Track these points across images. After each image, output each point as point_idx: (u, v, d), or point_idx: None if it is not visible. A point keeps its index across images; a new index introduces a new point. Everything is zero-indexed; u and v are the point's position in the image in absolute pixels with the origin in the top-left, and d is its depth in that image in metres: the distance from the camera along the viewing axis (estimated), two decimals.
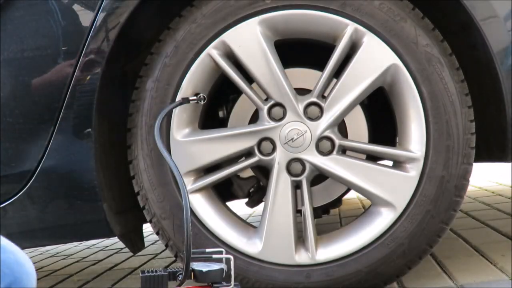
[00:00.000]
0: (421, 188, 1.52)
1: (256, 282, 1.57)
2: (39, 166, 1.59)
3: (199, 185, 1.59)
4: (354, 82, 1.53)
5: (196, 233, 1.57)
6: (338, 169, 1.55)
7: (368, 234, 1.55)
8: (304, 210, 1.58)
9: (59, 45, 1.56)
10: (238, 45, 1.54)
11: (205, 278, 1.22)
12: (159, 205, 1.59)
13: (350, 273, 1.55)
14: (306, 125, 1.55)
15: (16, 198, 1.61)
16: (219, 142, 1.57)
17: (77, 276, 2.47)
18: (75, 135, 1.58)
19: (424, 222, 1.52)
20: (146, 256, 2.68)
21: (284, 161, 1.56)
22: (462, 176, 1.52)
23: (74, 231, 1.66)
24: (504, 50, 1.50)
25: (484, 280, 1.57)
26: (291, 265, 1.56)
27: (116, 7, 1.53)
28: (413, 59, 1.50)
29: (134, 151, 1.60)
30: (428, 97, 1.51)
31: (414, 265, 1.56)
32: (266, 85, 1.55)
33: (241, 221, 1.67)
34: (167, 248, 1.63)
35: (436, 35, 1.53)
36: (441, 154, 1.51)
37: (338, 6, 1.52)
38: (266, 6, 1.53)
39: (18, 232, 1.65)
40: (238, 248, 1.57)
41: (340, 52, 1.53)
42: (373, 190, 1.54)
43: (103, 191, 1.61)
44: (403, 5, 1.52)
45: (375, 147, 1.60)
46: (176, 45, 1.55)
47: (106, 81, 1.56)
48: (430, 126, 1.51)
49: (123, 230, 1.72)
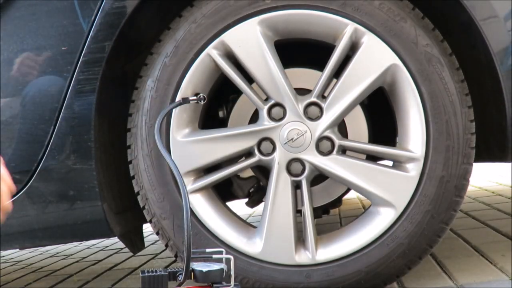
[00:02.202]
0: (421, 188, 1.52)
1: (256, 282, 1.57)
2: (39, 166, 1.59)
3: (199, 185, 1.59)
4: (354, 82, 1.53)
5: (196, 233, 1.57)
6: (338, 169, 1.55)
7: (368, 234, 1.55)
8: (304, 210, 1.58)
9: (59, 45, 1.56)
10: (238, 45, 1.54)
11: (205, 278, 1.22)
12: (159, 205, 1.59)
13: (350, 273, 1.55)
14: (306, 125, 1.55)
15: (16, 198, 1.61)
16: (219, 142, 1.57)
17: (77, 276, 2.47)
18: (75, 135, 1.58)
19: (424, 222, 1.52)
20: (146, 256, 2.68)
21: (284, 161, 1.56)
22: (462, 176, 1.52)
23: (74, 231, 1.66)
24: (504, 50, 1.50)
25: (484, 280, 1.57)
26: (291, 265, 1.56)
27: (116, 7, 1.53)
28: (413, 59, 1.50)
29: (134, 151, 1.60)
30: (428, 97, 1.51)
31: (414, 265, 1.56)
32: (266, 85, 1.55)
33: (241, 221, 1.67)
34: (167, 248, 1.63)
35: (436, 35, 1.53)
36: (441, 154, 1.51)
37: (338, 6, 1.52)
38: (266, 6, 1.53)
39: (18, 232, 1.65)
40: (238, 248, 1.57)
41: (340, 52, 1.53)
42: (373, 190, 1.54)
43: (103, 191, 1.62)
44: (403, 5, 1.52)
45: (375, 147, 1.60)
46: (176, 45, 1.55)
47: (106, 81, 1.56)
48: (430, 126, 1.51)
49: (123, 230, 1.72)
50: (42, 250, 3.47)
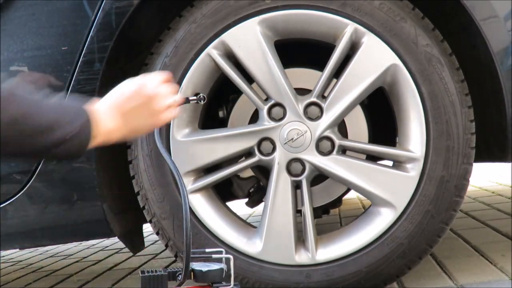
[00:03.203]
0: (421, 188, 1.52)
1: (256, 282, 1.57)
2: (39, 166, 1.59)
3: (199, 185, 1.59)
4: (354, 82, 1.53)
5: (196, 233, 1.57)
6: (338, 169, 1.55)
7: (368, 234, 1.55)
8: (304, 210, 1.58)
9: (59, 45, 1.56)
10: (238, 45, 1.54)
11: (205, 278, 1.23)
12: (159, 205, 1.59)
13: (350, 273, 1.55)
14: (306, 125, 1.55)
15: (16, 198, 1.61)
16: (219, 142, 1.57)
17: (77, 276, 2.47)
18: None
19: (424, 222, 1.52)
20: (146, 256, 2.68)
21: (284, 161, 1.56)
22: (462, 176, 1.52)
23: (74, 231, 1.66)
24: (504, 50, 1.50)
25: (484, 280, 1.57)
26: (291, 265, 1.56)
27: (116, 7, 1.53)
28: (413, 59, 1.50)
29: (134, 151, 1.60)
30: (428, 97, 1.51)
31: (414, 265, 1.56)
32: (266, 85, 1.55)
33: (241, 221, 1.67)
34: (167, 248, 1.63)
35: (436, 35, 1.53)
36: (441, 154, 1.51)
37: (338, 6, 1.52)
38: (266, 6, 1.53)
39: (18, 232, 1.65)
40: (238, 248, 1.57)
41: (340, 52, 1.53)
42: (373, 190, 1.54)
43: (103, 191, 1.61)
44: (403, 5, 1.52)
45: (375, 147, 1.60)
46: (176, 45, 1.55)
47: (106, 81, 1.56)
48: (430, 126, 1.51)
49: (123, 230, 1.72)
50: (42, 250, 3.47)
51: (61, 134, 1.14)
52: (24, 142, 1.11)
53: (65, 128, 1.15)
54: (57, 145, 1.14)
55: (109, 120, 1.25)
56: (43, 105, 1.15)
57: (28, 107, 1.11)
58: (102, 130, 1.23)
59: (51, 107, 1.16)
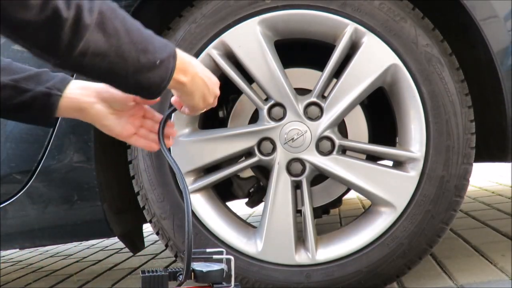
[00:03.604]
0: (421, 188, 1.52)
1: (256, 282, 1.57)
2: (39, 166, 1.59)
3: (199, 185, 1.59)
4: (354, 82, 1.53)
5: (196, 233, 1.57)
6: (338, 169, 1.55)
7: (368, 234, 1.55)
8: (304, 210, 1.58)
9: None
10: (238, 45, 1.54)
11: (205, 278, 1.22)
12: (159, 205, 1.59)
13: (350, 273, 1.55)
14: (306, 125, 1.55)
15: (16, 198, 1.61)
16: (219, 142, 1.57)
17: (77, 276, 2.47)
18: (75, 135, 1.58)
19: (424, 222, 1.52)
20: (146, 256, 2.68)
21: (284, 161, 1.56)
22: (462, 176, 1.52)
23: (74, 231, 1.66)
24: (504, 50, 1.50)
25: (484, 280, 1.57)
26: (291, 265, 1.56)
27: None
28: (413, 59, 1.51)
29: (134, 151, 1.60)
30: (428, 97, 1.51)
31: (414, 265, 1.56)
32: (266, 85, 1.55)
33: (241, 221, 1.67)
34: (167, 248, 1.63)
35: (436, 35, 1.53)
36: (441, 154, 1.51)
37: (338, 6, 1.52)
38: (266, 6, 1.53)
39: (18, 232, 1.65)
40: (238, 248, 1.57)
41: (340, 52, 1.53)
42: (373, 190, 1.54)
43: (103, 191, 1.62)
44: (403, 5, 1.52)
45: (375, 147, 1.60)
46: (176, 45, 1.55)
47: None
48: (430, 126, 1.51)
49: (123, 230, 1.72)
50: (42, 250, 3.47)
51: (153, 57, 1.15)
52: (122, 56, 1.10)
53: (156, 53, 1.15)
54: (148, 68, 1.14)
55: (185, 71, 1.24)
56: (140, 28, 1.15)
57: (130, 24, 1.12)
58: (177, 75, 1.22)
59: (145, 32, 1.16)
